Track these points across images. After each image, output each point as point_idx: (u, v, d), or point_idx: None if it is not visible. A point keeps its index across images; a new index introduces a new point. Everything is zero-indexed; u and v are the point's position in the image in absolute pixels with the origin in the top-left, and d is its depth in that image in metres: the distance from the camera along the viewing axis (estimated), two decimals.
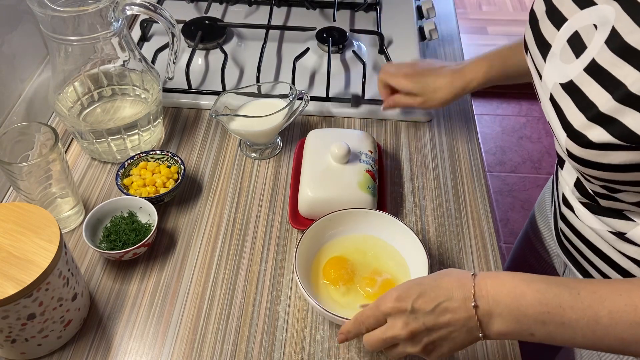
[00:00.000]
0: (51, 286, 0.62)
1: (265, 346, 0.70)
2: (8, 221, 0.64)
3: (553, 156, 2.34)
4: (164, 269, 0.78)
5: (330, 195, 0.79)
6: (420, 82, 0.86)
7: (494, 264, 0.79)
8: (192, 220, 0.83)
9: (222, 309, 0.74)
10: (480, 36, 2.79)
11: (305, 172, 0.82)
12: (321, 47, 1.08)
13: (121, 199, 0.79)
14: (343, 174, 0.81)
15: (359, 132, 0.89)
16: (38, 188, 0.75)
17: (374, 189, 0.80)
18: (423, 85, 0.86)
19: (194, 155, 0.93)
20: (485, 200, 0.87)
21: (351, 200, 0.78)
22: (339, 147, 0.80)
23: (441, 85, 0.85)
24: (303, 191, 0.81)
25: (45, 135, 0.75)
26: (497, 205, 2.18)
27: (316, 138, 0.87)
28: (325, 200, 0.79)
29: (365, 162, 0.83)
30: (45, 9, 0.74)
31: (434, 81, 0.85)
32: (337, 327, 0.71)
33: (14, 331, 0.62)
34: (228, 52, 1.06)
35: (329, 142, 0.82)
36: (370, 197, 0.79)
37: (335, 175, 0.81)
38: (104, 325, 0.72)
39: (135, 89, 0.90)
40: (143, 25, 1.13)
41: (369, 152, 0.84)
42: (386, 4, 1.22)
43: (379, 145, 0.92)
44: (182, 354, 0.69)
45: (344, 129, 0.96)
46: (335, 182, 0.80)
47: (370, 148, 0.85)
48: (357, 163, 0.82)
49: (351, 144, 0.82)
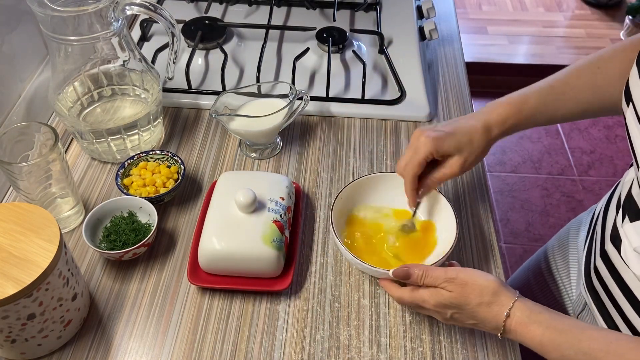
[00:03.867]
0: (51, 286, 0.62)
1: (265, 346, 0.70)
2: (8, 221, 0.64)
3: (553, 156, 2.34)
4: (164, 269, 0.78)
5: (231, 249, 0.72)
6: (451, 139, 0.71)
7: (493, 264, 0.79)
8: (192, 220, 0.83)
9: (222, 309, 0.74)
10: (480, 36, 2.79)
11: (208, 221, 0.75)
12: (321, 47, 1.08)
13: (121, 199, 0.79)
14: (247, 225, 0.73)
15: (274, 175, 0.82)
16: (38, 188, 0.75)
17: (279, 243, 0.73)
18: (456, 140, 0.71)
19: (194, 155, 0.93)
20: (485, 200, 0.87)
21: (253, 255, 0.72)
22: (244, 194, 0.73)
23: (475, 131, 0.72)
24: (203, 242, 0.73)
25: (45, 135, 0.75)
26: (497, 205, 2.18)
27: (226, 181, 0.79)
28: (225, 253, 0.72)
29: (274, 211, 0.75)
30: (45, 9, 0.74)
31: (465, 133, 0.72)
32: (337, 327, 0.72)
33: (14, 331, 0.62)
34: (228, 52, 1.06)
35: (238, 187, 0.75)
36: (275, 252, 0.72)
37: (239, 225, 0.73)
38: (104, 325, 0.72)
39: (135, 89, 0.90)
40: (143, 25, 1.13)
41: (280, 200, 0.77)
42: (386, 4, 1.22)
43: (297, 188, 0.85)
44: (182, 354, 0.69)
45: (260, 172, 0.88)
46: (238, 234, 0.73)
47: (282, 194, 0.78)
48: (264, 213, 0.74)
49: (261, 190, 0.76)
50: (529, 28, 2.87)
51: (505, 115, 0.72)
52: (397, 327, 0.72)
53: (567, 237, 0.92)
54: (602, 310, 0.73)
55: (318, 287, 0.76)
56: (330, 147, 0.95)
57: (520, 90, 0.74)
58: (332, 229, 0.73)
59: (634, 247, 0.64)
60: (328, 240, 0.82)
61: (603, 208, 0.79)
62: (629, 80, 0.61)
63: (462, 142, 0.71)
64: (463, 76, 1.10)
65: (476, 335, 0.72)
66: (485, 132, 0.72)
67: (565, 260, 0.91)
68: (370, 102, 1.00)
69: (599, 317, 0.74)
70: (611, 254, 0.69)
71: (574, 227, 0.92)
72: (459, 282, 0.63)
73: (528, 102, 0.72)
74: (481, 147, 0.72)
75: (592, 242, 0.78)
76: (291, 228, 0.79)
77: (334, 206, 0.77)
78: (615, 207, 0.72)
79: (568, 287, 0.89)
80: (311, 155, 0.93)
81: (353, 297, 0.75)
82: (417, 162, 0.72)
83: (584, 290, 0.78)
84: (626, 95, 0.62)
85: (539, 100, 0.72)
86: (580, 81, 0.73)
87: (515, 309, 0.60)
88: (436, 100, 1.04)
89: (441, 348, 0.70)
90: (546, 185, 2.24)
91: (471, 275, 0.63)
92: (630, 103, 0.60)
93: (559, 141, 2.41)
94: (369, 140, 0.96)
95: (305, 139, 0.96)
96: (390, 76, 1.05)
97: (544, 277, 0.95)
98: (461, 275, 0.63)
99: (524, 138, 2.42)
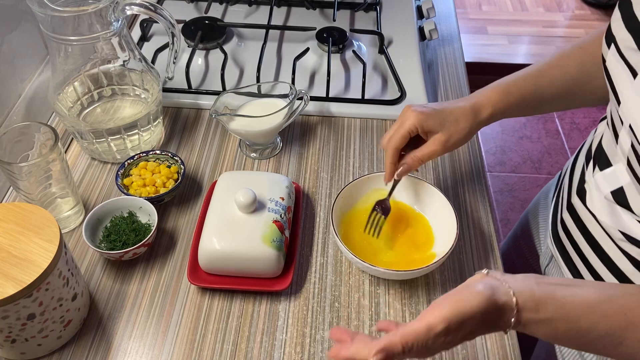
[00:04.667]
0: (51, 286, 0.62)
1: (265, 346, 0.70)
2: (8, 221, 0.64)
3: (553, 156, 2.34)
4: (164, 269, 0.78)
5: (231, 249, 0.72)
6: (437, 115, 0.72)
7: (493, 264, 0.79)
8: (192, 220, 0.83)
9: (222, 309, 0.74)
10: (480, 36, 2.79)
11: (208, 221, 0.75)
12: (321, 47, 1.08)
13: (121, 199, 0.79)
14: (247, 225, 0.73)
15: (274, 175, 0.81)
16: (38, 188, 0.75)
17: (279, 243, 0.73)
18: (442, 117, 0.72)
19: (194, 155, 0.93)
20: (485, 200, 0.87)
21: (253, 255, 0.72)
22: (244, 194, 0.73)
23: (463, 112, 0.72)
24: (203, 242, 0.73)
25: (45, 135, 0.75)
26: (497, 205, 2.18)
27: (226, 181, 0.79)
28: (225, 253, 0.72)
29: (274, 211, 0.75)
30: (45, 9, 0.74)
31: (452, 111, 0.72)
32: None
33: (14, 331, 0.62)
34: (228, 52, 1.06)
35: (238, 187, 0.75)
36: (275, 252, 0.72)
37: (239, 225, 0.73)
38: (104, 325, 0.72)
39: (135, 89, 0.90)
40: (143, 25, 1.13)
41: (280, 200, 0.77)
42: (386, 4, 1.22)
43: (297, 188, 0.85)
44: (182, 354, 0.69)
45: (260, 172, 0.87)
46: (238, 234, 0.73)
47: (282, 194, 0.77)
48: (264, 213, 0.74)
49: (261, 190, 0.76)
50: (529, 28, 2.87)
51: (495, 99, 0.73)
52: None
53: (538, 202, 0.95)
54: (567, 262, 0.76)
55: (318, 287, 0.76)
56: (330, 147, 0.95)
57: (508, 76, 0.75)
58: (333, 229, 0.73)
59: (604, 194, 0.66)
60: (328, 240, 0.82)
61: (571, 164, 0.82)
62: (611, 24, 0.62)
63: (448, 120, 0.72)
64: (463, 76, 1.10)
65: None
66: (473, 113, 0.72)
67: (536, 224, 0.94)
68: (370, 102, 1.00)
69: (565, 268, 0.77)
70: (577, 206, 0.72)
71: (544, 193, 0.95)
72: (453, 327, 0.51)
73: (516, 84, 0.74)
74: (467, 128, 0.72)
75: (559, 197, 0.81)
76: (291, 228, 0.79)
77: (335, 206, 0.77)
78: (585, 158, 0.74)
79: (538, 245, 0.93)
80: (311, 155, 0.93)
81: (353, 297, 0.75)
82: (400, 134, 0.72)
83: (551, 244, 0.80)
84: (607, 38, 0.63)
85: (526, 81, 0.74)
86: (564, 59, 0.74)
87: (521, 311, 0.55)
88: (436, 101, 1.04)
89: None
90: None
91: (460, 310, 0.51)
92: (611, 44, 0.61)
93: (559, 141, 2.41)
94: (369, 140, 0.96)
95: (305, 139, 0.96)
96: (390, 76, 1.05)
97: (519, 242, 0.99)
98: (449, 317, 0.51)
99: (524, 138, 2.42)
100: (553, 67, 0.74)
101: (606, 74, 0.63)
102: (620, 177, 0.64)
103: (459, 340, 0.52)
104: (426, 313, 0.52)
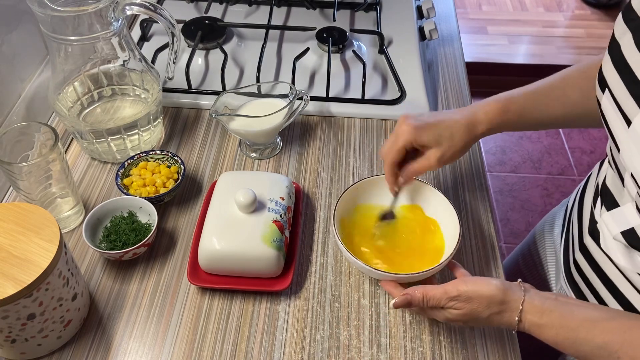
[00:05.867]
0: (51, 286, 0.62)
1: (265, 346, 0.70)
2: (8, 221, 0.64)
3: (553, 156, 2.34)
4: (164, 269, 0.78)
5: (231, 249, 0.72)
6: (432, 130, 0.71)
7: (493, 264, 0.79)
8: (192, 220, 0.83)
9: (222, 309, 0.74)
10: (480, 36, 2.79)
11: (208, 221, 0.75)
12: (321, 47, 1.08)
13: (121, 199, 0.79)
14: (247, 225, 0.73)
15: (274, 175, 0.82)
16: (38, 188, 0.75)
17: (279, 243, 0.73)
18: (437, 133, 0.71)
19: (194, 155, 0.93)
20: (485, 200, 0.87)
21: (253, 254, 0.72)
22: (244, 194, 0.73)
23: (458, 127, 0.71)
24: (203, 242, 0.73)
25: (45, 135, 0.75)
26: (497, 205, 2.18)
27: (226, 181, 0.79)
28: (225, 253, 0.72)
29: (274, 211, 0.75)
30: (45, 9, 0.74)
31: (448, 126, 0.71)
32: (337, 327, 0.72)
33: (14, 331, 0.62)
34: (228, 52, 1.06)
35: (238, 187, 0.74)
36: (275, 252, 0.72)
37: (239, 225, 0.73)
38: (104, 325, 0.72)
39: (135, 89, 0.90)
40: (143, 25, 1.13)
41: (280, 200, 0.77)
42: (386, 4, 1.22)
43: (297, 188, 0.85)
44: (182, 354, 0.69)
45: (260, 172, 0.87)
46: (238, 234, 0.73)
47: (282, 194, 0.78)
48: (264, 212, 0.75)
49: (261, 190, 0.76)
50: (529, 28, 2.87)
51: (492, 114, 0.72)
52: (397, 327, 0.72)
53: (542, 233, 0.93)
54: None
55: (318, 287, 0.76)
56: (330, 147, 0.95)
57: (508, 91, 0.74)
58: (334, 230, 0.73)
59: (613, 235, 0.65)
60: (328, 240, 0.82)
61: (577, 200, 0.80)
62: (602, 68, 0.61)
63: (443, 135, 0.71)
64: (463, 76, 1.10)
65: (476, 335, 0.72)
66: (469, 129, 0.72)
67: (542, 255, 0.92)
68: (371, 102, 1.00)
69: None
70: (590, 247, 0.71)
71: (548, 223, 0.93)
72: (463, 298, 0.61)
73: (515, 102, 0.72)
74: (462, 142, 0.72)
75: (568, 235, 0.79)
76: (291, 228, 0.79)
77: (337, 208, 0.77)
78: (593, 197, 0.73)
79: (546, 281, 0.91)
80: (311, 155, 0.93)
81: (353, 297, 0.75)
82: (396, 149, 0.72)
83: (565, 284, 0.79)
84: (600, 83, 0.62)
85: (525, 99, 0.73)
86: (566, 82, 0.73)
87: (525, 313, 0.60)
88: (436, 100, 1.04)
89: (441, 348, 0.70)
90: (546, 185, 2.24)
91: (473, 288, 0.61)
92: (605, 89, 0.60)
93: (559, 141, 2.41)
94: (369, 140, 0.96)
95: (305, 139, 0.96)
96: (390, 76, 1.05)
97: (522, 273, 0.98)
98: (463, 290, 0.61)
99: (524, 138, 2.42)
100: (554, 89, 0.73)
101: (603, 118, 0.62)
102: (630, 218, 0.62)
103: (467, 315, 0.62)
104: (448, 283, 0.63)
